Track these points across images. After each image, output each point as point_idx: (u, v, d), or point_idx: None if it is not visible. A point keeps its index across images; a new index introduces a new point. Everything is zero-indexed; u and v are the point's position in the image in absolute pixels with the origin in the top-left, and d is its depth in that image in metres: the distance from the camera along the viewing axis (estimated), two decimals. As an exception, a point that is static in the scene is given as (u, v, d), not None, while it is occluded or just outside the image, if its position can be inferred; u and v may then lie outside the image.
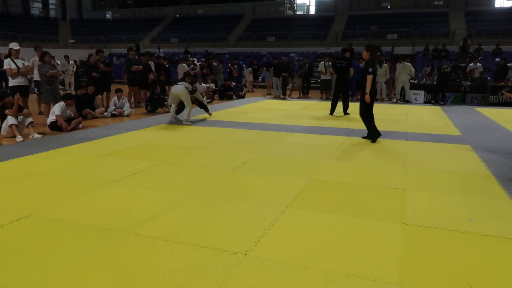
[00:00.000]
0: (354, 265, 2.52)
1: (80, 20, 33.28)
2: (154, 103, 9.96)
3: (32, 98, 9.61)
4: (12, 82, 7.93)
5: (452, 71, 12.58)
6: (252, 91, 16.70)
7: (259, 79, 18.53)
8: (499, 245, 2.81)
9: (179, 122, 8.22)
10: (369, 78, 6.17)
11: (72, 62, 16.97)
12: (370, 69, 6.17)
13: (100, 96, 9.51)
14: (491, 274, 2.43)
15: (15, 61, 7.95)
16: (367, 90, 6.21)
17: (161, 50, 23.14)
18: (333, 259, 2.59)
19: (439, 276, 2.40)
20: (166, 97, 11.25)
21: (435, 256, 2.63)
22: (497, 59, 15.72)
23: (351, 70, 9.74)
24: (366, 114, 6.48)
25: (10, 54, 8.01)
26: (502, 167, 4.90)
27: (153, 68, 11.43)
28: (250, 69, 17.34)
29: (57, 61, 12.17)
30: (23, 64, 8.10)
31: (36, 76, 9.19)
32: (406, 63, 12.73)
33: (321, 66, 13.48)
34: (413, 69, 12.80)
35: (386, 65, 13.28)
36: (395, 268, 2.49)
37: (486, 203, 3.66)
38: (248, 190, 3.99)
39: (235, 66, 16.52)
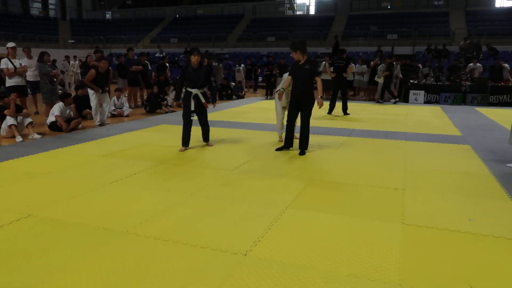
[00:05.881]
0: (354, 265, 2.52)
1: (79, 20, 33.27)
2: (152, 104, 9.95)
3: (29, 98, 9.60)
4: (9, 82, 7.88)
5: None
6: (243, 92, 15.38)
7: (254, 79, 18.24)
8: (499, 245, 2.81)
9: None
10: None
11: (73, 62, 16.96)
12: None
13: None
14: (491, 274, 2.43)
15: (12, 61, 7.91)
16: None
17: (163, 50, 23.18)
18: (333, 259, 2.59)
19: (439, 276, 2.40)
20: (166, 97, 11.25)
21: (435, 256, 2.63)
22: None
23: (349, 68, 9.78)
24: None
25: (7, 54, 7.97)
26: (502, 167, 4.90)
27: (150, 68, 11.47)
28: (238, 67, 17.13)
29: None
30: (20, 64, 8.07)
31: (29, 77, 9.13)
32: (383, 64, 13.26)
33: (322, 66, 13.51)
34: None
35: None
36: (395, 268, 2.49)
37: (486, 203, 3.66)
38: (248, 190, 3.99)
39: (214, 64, 15.92)
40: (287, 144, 5.74)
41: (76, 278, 2.34)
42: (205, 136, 6.07)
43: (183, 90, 5.71)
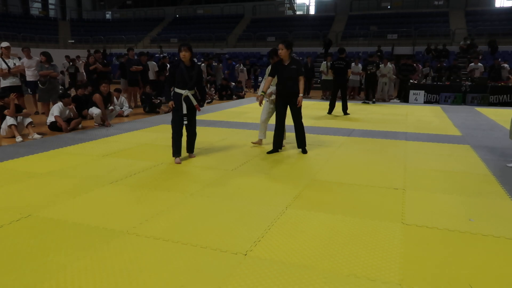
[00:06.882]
0: (354, 265, 2.52)
1: (79, 20, 33.28)
2: (146, 103, 9.94)
3: (28, 98, 9.61)
4: (3, 83, 7.83)
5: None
6: (243, 92, 15.24)
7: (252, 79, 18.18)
8: (499, 245, 2.81)
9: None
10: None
11: (74, 62, 16.91)
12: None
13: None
14: (491, 274, 2.43)
15: (6, 61, 7.87)
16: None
17: (163, 51, 23.20)
18: (333, 259, 2.59)
19: (439, 276, 2.40)
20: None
21: (435, 256, 2.63)
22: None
23: (349, 70, 9.83)
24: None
25: (1, 54, 7.93)
26: (502, 167, 4.90)
27: (156, 68, 11.49)
28: (242, 67, 17.16)
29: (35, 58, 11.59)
30: (14, 64, 8.04)
31: (29, 77, 9.13)
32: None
33: (323, 66, 13.55)
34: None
35: (390, 66, 13.28)
36: (395, 268, 2.48)
37: (486, 203, 3.66)
38: (248, 190, 3.98)
39: (214, 64, 15.78)
40: (276, 146, 5.64)
41: (76, 278, 2.34)
42: (190, 146, 5.25)
43: (171, 91, 5.01)
